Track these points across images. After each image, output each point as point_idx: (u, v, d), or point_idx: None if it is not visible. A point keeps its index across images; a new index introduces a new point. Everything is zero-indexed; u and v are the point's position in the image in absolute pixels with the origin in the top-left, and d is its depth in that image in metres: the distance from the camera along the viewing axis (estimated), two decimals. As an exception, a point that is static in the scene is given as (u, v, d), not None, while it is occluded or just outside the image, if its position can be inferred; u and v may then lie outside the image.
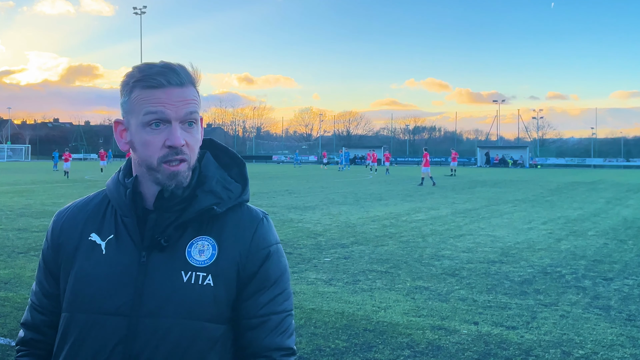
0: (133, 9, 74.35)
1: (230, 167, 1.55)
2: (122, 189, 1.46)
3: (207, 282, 1.40)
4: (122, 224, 1.45)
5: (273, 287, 1.47)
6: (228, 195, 1.48)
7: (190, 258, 1.41)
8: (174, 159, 1.38)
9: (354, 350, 5.02)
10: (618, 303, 6.60)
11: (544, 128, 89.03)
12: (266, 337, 1.45)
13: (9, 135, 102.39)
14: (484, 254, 9.55)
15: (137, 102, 1.39)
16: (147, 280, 1.39)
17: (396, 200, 19.55)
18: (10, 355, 4.85)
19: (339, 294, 6.89)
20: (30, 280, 7.37)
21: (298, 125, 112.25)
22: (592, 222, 13.99)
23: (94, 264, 1.43)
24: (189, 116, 1.39)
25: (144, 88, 1.38)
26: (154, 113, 1.37)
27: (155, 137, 1.38)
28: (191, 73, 1.43)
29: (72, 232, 1.49)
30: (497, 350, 5.04)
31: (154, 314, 1.37)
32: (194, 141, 1.42)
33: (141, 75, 1.39)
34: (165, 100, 1.37)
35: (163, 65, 1.40)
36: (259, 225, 1.49)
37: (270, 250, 1.48)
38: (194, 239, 1.43)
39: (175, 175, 1.39)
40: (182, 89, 1.39)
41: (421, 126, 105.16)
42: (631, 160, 68.01)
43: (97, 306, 1.39)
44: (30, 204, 17.07)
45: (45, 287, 1.52)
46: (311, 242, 10.62)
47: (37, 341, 1.54)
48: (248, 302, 1.45)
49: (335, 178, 35.75)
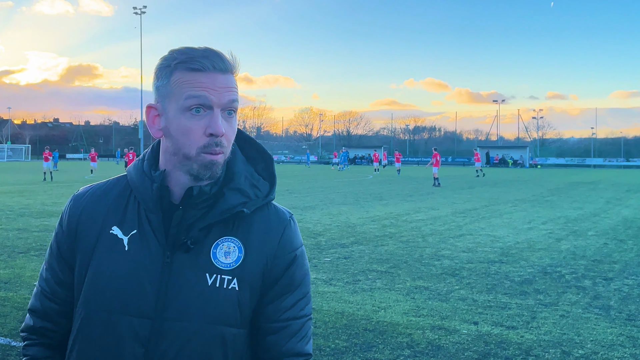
0: (133, 9, 74.39)
1: (257, 162, 1.47)
2: (148, 182, 1.37)
3: (232, 286, 1.34)
4: (147, 219, 1.37)
5: (296, 291, 1.42)
6: (256, 193, 1.41)
7: (216, 260, 1.35)
8: (212, 149, 1.30)
9: (354, 350, 5.02)
10: (618, 303, 6.60)
11: (544, 128, 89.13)
12: (287, 343, 1.40)
13: (9, 135, 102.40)
14: (484, 254, 9.55)
15: (178, 85, 1.31)
16: (171, 282, 1.33)
17: (396, 200, 19.55)
18: (10, 355, 4.85)
19: (339, 294, 6.89)
20: (30, 280, 7.37)
21: (298, 125, 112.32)
22: (592, 222, 13.99)
23: (115, 260, 1.35)
24: (231, 104, 1.33)
25: (187, 70, 1.31)
26: (197, 97, 1.29)
27: (196, 124, 1.30)
28: (233, 62, 1.35)
29: (93, 222, 1.40)
30: (497, 350, 5.04)
31: (178, 318, 1.32)
32: (232, 132, 1.35)
33: (185, 57, 1.31)
34: (209, 85, 1.30)
35: (207, 49, 1.34)
36: (287, 227, 1.43)
37: (297, 253, 1.43)
38: (220, 239, 1.36)
39: (212, 164, 1.32)
40: (226, 75, 1.33)
41: (421, 126, 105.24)
42: (631, 160, 68.03)
43: (119, 306, 1.33)
44: (31, 204, 17.07)
45: (57, 275, 1.44)
46: (311, 242, 10.62)
47: (47, 329, 1.46)
48: (270, 306, 1.40)
49: (335, 178, 35.75)
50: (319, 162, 77.92)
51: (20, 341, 5.12)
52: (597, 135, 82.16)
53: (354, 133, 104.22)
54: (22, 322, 1.54)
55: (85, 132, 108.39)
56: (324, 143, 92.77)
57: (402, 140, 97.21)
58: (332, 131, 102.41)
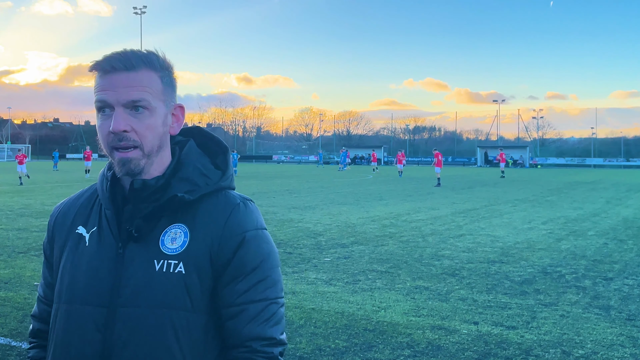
0: (133, 9, 74.39)
1: (217, 154, 1.53)
2: (105, 181, 1.48)
3: (178, 270, 1.38)
4: (105, 217, 1.47)
5: (251, 274, 1.41)
6: (205, 181, 1.46)
7: (163, 246, 1.40)
8: (118, 145, 1.36)
9: (354, 350, 5.02)
10: (618, 303, 6.60)
11: (544, 128, 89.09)
12: (245, 327, 1.40)
13: (9, 135, 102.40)
14: (484, 254, 9.55)
15: (94, 90, 1.40)
16: (124, 270, 1.39)
17: (396, 200, 19.55)
18: (10, 355, 4.85)
19: (339, 294, 6.89)
20: (31, 280, 7.38)
21: (298, 125, 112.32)
22: (592, 222, 13.99)
23: (78, 255, 1.45)
24: (132, 102, 1.36)
25: (97, 75, 1.39)
26: (99, 100, 1.37)
27: (103, 124, 1.38)
28: (142, 58, 1.39)
29: (63, 225, 1.53)
30: (497, 350, 5.04)
31: (129, 304, 1.37)
32: (144, 127, 1.37)
33: (93, 64, 1.40)
34: (107, 86, 1.36)
35: (116, 52, 1.40)
36: (234, 210, 1.44)
37: (246, 236, 1.42)
38: (168, 227, 1.42)
39: (124, 162, 1.37)
40: (129, 73, 1.37)
41: (421, 126, 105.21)
42: (631, 160, 68.02)
43: (78, 297, 1.41)
44: (30, 203, 17.07)
45: (47, 279, 1.57)
46: (311, 242, 10.62)
47: (43, 332, 1.58)
48: (225, 291, 1.41)
49: (335, 178, 35.75)
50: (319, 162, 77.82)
51: (20, 341, 5.13)
52: (597, 135, 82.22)
53: (354, 133, 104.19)
54: (22, 322, 1.65)
55: (86, 132, 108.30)
56: (324, 143, 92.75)
57: (403, 140, 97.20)
58: (332, 131, 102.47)
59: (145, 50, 1.42)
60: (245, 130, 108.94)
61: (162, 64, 1.43)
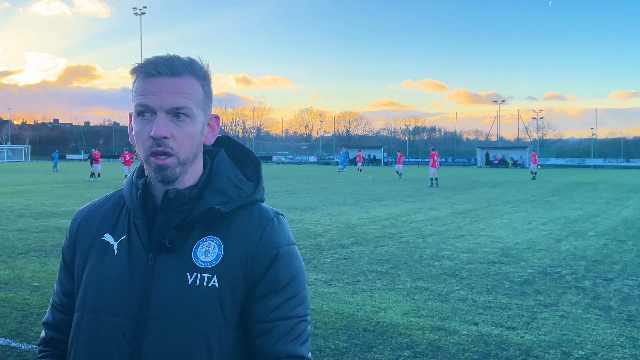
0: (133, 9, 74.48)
1: (247, 165, 1.51)
2: (135, 189, 1.44)
3: (212, 284, 1.35)
4: (134, 226, 1.43)
5: (283, 290, 1.40)
6: (238, 193, 1.43)
7: (196, 259, 1.37)
8: (156, 150, 1.33)
9: (354, 351, 5.02)
10: (618, 303, 6.60)
11: (544, 128, 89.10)
12: (276, 344, 1.38)
13: (9, 135, 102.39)
14: (484, 255, 9.55)
15: (134, 93, 1.37)
16: (154, 282, 1.37)
17: (396, 201, 19.55)
18: (10, 356, 4.84)
19: (339, 295, 6.89)
20: (30, 281, 7.37)
21: (298, 125, 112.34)
22: (592, 223, 13.99)
23: (105, 264, 1.41)
24: (176, 108, 1.34)
25: (139, 78, 1.37)
26: (141, 104, 1.34)
27: (142, 128, 1.35)
28: (187, 66, 1.37)
29: (88, 231, 1.48)
30: (497, 351, 5.04)
31: (160, 317, 1.35)
32: (183, 135, 1.35)
33: (137, 66, 1.38)
34: (151, 90, 1.34)
35: (160, 56, 1.37)
36: (269, 224, 1.42)
37: (280, 251, 1.41)
38: (201, 239, 1.39)
39: (160, 169, 1.34)
40: (174, 79, 1.35)
41: (421, 126, 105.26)
42: (631, 160, 68.01)
43: (106, 307, 1.38)
44: (30, 204, 17.07)
45: (65, 286, 1.52)
46: (311, 242, 10.62)
47: (57, 340, 1.53)
48: (256, 306, 1.39)
49: (335, 178, 35.75)
50: (319, 163, 77.92)
51: (20, 342, 5.12)
52: (597, 135, 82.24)
53: (354, 134, 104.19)
54: (22, 323, 1.60)
55: (85, 133, 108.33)
56: (324, 144, 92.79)
57: (402, 140, 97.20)
58: (332, 132, 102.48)
59: (188, 58, 1.40)
60: (245, 131, 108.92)
61: (204, 72, 1.40)
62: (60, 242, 10.25)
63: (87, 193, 21.67)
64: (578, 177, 39.85)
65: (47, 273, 7.79)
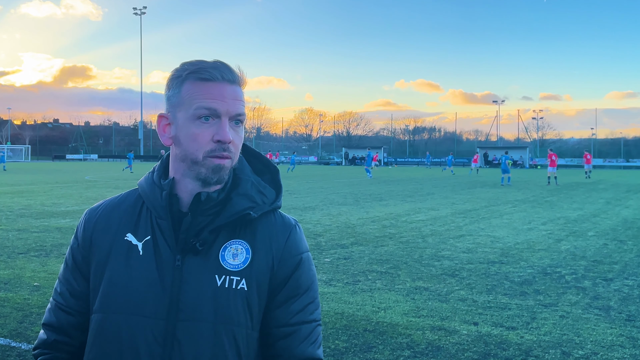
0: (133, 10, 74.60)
1: (263, 173, 1.54)
2: (158, 190, 1.43)
3: (241, 287, 1.38)
4: (158, 226, 1.43)
5: (304, 295, 1.46)
6: (262, 199, 1.47)
7: (224, 262, 1.40)
8: (220, 154, 1.37)
9: (354, 351, 5.02)
10: (618, 304, 6.60)
11: (543, 128, 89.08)
12: (298, 347, 1.43)
13: (8, 135, 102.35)
14: (484, 255, 9.55)
15: (189, 95, 1.38)
16: (183, 284, 1.38)
17: (396, 201, 19.55)
18: (10, 356, 4.84)
19: (339, 295, 6.89)
20: (30, 280, 7.37)
21: (298, 125, 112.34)
22: (592, 223, 13.99)
23: (131, 265, 1.40)
24: (239, 115, 1.40)
25: (197, 80, 1.37)
26: (206, 107, 1.36)
27: (204, 131, 1.36)
28: (240, 74, 1.42)
29: (107, 231, 1.46)
30: (497, 351, 5.04)
31: (190, 318, 1.36)
32: (239, 140, 1.42)
33: (195, 68, 1.38)
34: (218, 95, 1.37)
35: (217, 61, 1.40)
36: (292, 232, 1.48)
37: (302, 257, 1.47)
38: (228, 242, 1.41)
39: (219, 168, 1.38)
40: (234, 86, 1.40)
41: (421, 127, 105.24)
42: (631, 160, 68.00)
43: (135, 308, 1.37)
44: (30, 204, 17.06)
45: (73, 287, 1.48)
46: (311, 242, 10.61)
47: (61, 343, 1.50)
48: (279, 310, 1.43)
49: (335, 179, 35.76)
50: (318, 163, 77.94)
51: (20, 342, 5.12)
52: (597, 135, 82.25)
53: (353, 134, 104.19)
54: (22, 323, 1.56)
55: (85, 133, 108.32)
56: (324, 144, 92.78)
57: (402, 140, 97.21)
58: (332, 132, 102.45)
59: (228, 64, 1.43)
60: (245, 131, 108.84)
61: (244, 81, 1.45)
62: (60, 242, 10.25)
63: (87, 193, 21.66)
64: (578, 177, 39.83)
65: (47, 273, 7.79)
